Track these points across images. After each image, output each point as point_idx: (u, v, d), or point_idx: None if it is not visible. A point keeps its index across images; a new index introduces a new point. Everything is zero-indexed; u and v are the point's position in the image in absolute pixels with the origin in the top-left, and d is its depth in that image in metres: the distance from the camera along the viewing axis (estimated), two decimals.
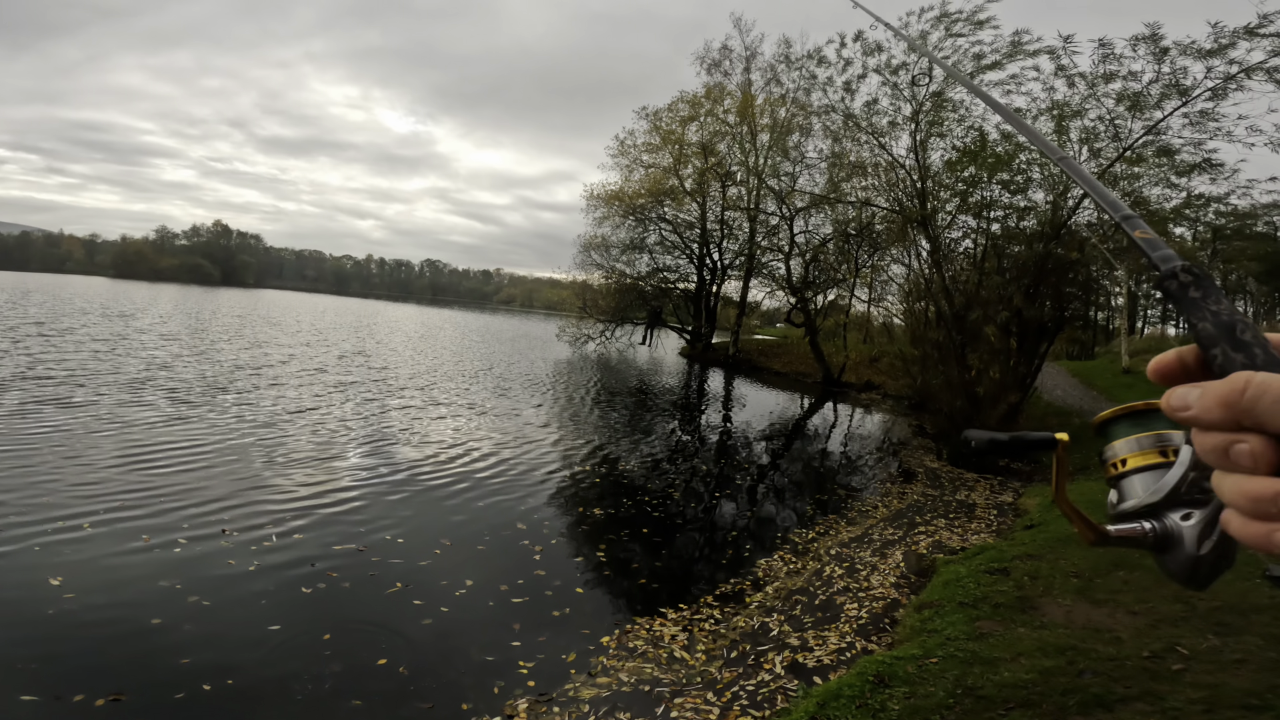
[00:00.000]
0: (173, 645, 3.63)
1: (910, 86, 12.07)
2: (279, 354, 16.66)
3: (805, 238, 26.28)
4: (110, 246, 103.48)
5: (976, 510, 7.88)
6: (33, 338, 14.98)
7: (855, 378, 23.17)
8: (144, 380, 11.03)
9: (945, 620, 3.49)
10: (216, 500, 5.89)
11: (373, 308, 61.45)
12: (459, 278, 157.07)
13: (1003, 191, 11.33)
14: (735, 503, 8.05)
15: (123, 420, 8.29)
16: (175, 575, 4.39)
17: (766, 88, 25.79)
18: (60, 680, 3.23)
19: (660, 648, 4.09)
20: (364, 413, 10.40)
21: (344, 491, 6.55)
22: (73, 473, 6.19)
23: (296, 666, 3.55)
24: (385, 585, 4.62)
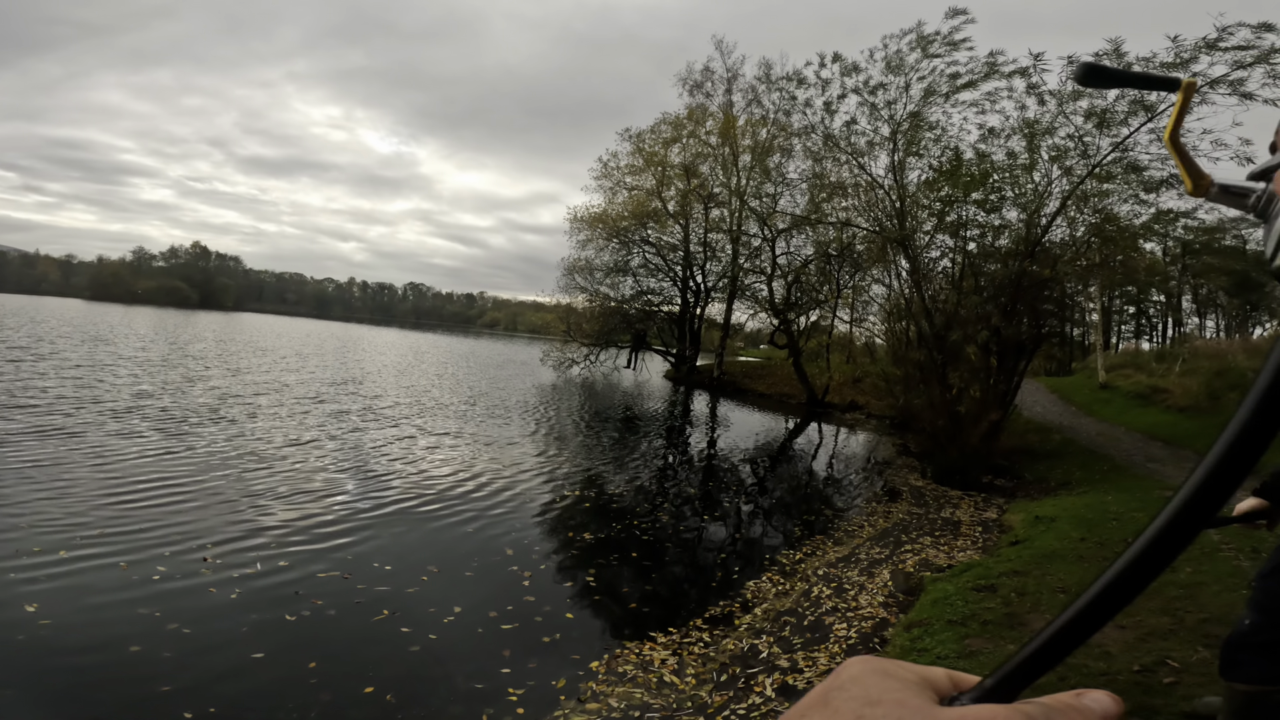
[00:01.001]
0: (152, 673, 3.53)
1: (888, 106, 12.39)
2: (262, 381, 16.43)
3: (787, 259, 26.62)
4: (87, 268, 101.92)
5: (962, 527, 7.93)
6: (11, 362, 14.63)
7: (839, 398, 23.36)
8: (125, 408, 10.80)
9: (934, 639, 3.50)
10: (198, 528, 5.77)
11: (355, 332, 60.98)
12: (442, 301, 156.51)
13: (978, 210, 11.59)
14: (723, 525, 8.03)
15: (103, 448, 8.11)
16: (154, 603, 4.29)
17: (748, 109, 26.31)
18: (35, 709, 3.15)
19: (650, 672, 4.05)
20: (350, 440, 10.27)
21: (329, 519, 6.45)
22: (50, 500, 6.03)
23: (281, 696, 3.47)
24: (372, 613, 4.55)
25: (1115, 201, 10.69)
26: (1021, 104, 10.83)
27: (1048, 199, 10.80)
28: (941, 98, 11.71)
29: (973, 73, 11.27)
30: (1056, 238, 11.17)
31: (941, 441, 11.18)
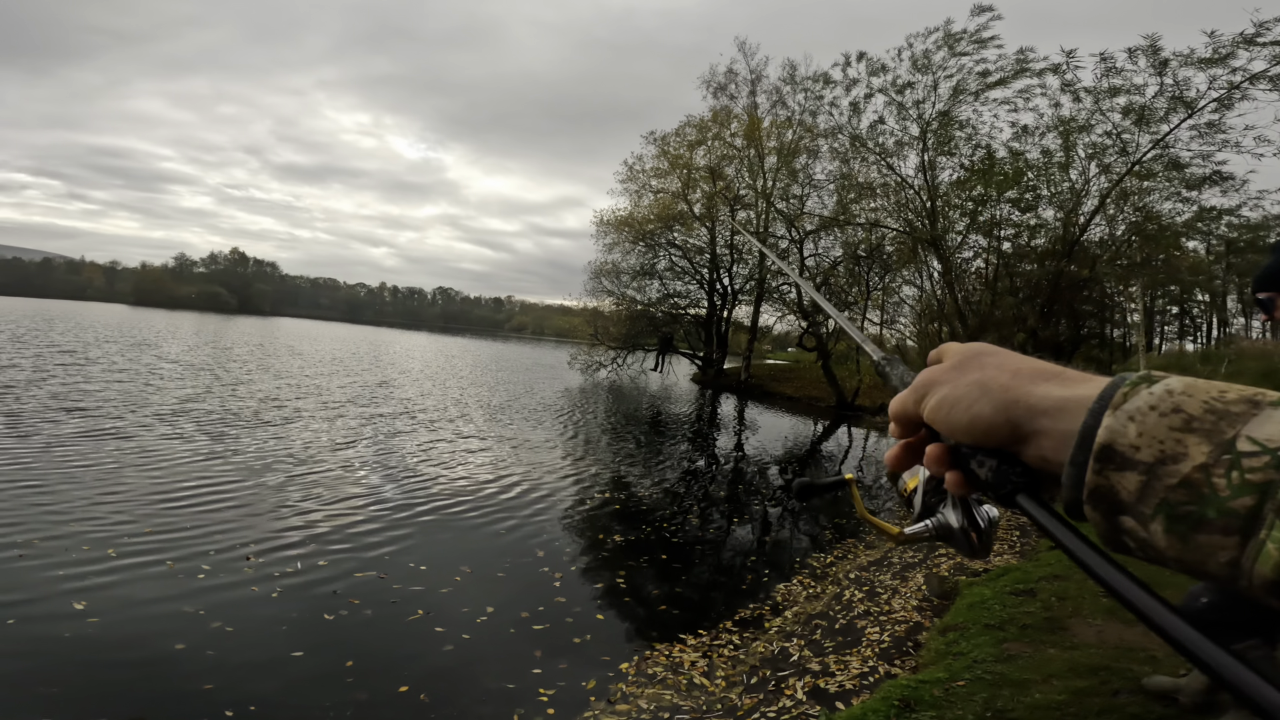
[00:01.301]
0: (195, 671, 3.62)
1: (916, 106, 12.22)
2: (302, 386, 16.82)
3: (815, 260, 26.34)
4: (130, 274, 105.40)
5: (999, 531, 7.74)
6: (61, 366, 15.26)
7: (869, 401, 22.99)
8: (171, 412, 11.18)
9: (971, 643, 3.42)
10: (241, 529, 5.93)
11: (386, 336, 62.05)
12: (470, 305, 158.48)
13: (1012, 209, 11.35)
14: (752, 528, 7.98)
15: (151, 451, 8.40)
16: (198, 602, 4.40)
17: (773, 110, 26.13)
18: (81, 705, 3.22)
19: (680, 674, 4.04)
20: (387, 443, 10.45)
21: (366, 520, 6.58)
22: (99, 501, 6.26)
23: (319, 694, 3.53)
24: (407, 612, 4.62)
25: (1156, 199, 10.38)
26: (1056, 101, 10.59)
27: (1085, 197, 10.53)
28: (971, 96, 11.53)
29: (1002, 70, 11.07)
30: (1095, 237, 10.88)
31: None
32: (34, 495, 6.22)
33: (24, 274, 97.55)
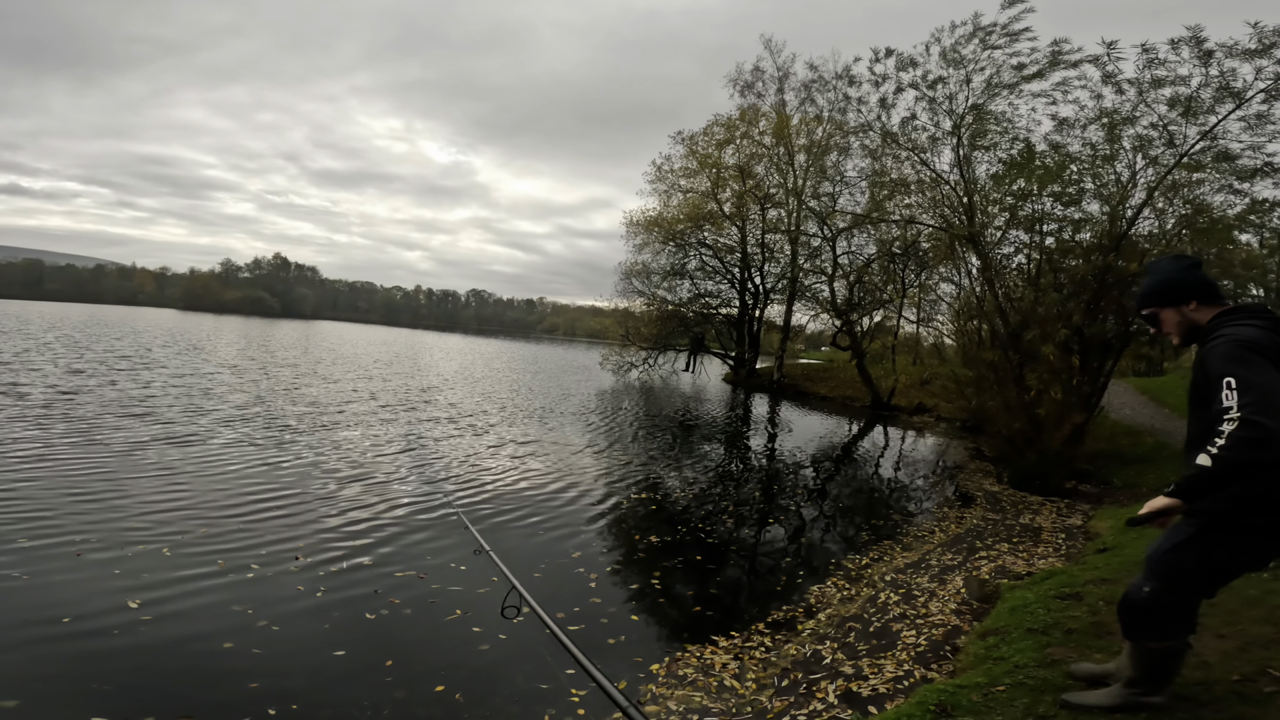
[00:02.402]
0: (241, 669, 3.73)
1: (948, 100, 11.93)
2: (347, 389, 17.23)
3: (849, 258, 25.95)
4: (179, 279, 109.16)
5: (1043, 534, 7.51)
6: (121, 372, 15.95)
7: (905, 400, 22.57)
8: (226, 416, 11.61)
9: (1013, 647, 3.32)
10: (290, 529, 6.12)
11: (423, 339, 63.13)
12: (503, 307, 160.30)
13: (1055, 204, 10.97)
14: (786, 529, 7.90)
15: (206, 451, 8.73)
16: (247, 600, 4.55)
17: (801, 108, 25.83)
18: (131, 703, 3.31)
19: (710, 676, 4.03)
20: (428, 445, 10.65)
21: (407, 519, 6.73)
22: (155, 500, 6.53)
23: (358, 692, 3.61)
24: (445, 612, 4.71)
25: (1207, 191, 9.93)
26: (1098, 93, 10.24)
27: (1132, 190, 10.14)
28: (1006, 89, 11.22)
29: (1037, 63, 10.74)
30: (1144, 230, 10.46)
31: (1019, 445, 10.64)
32: (92, 494, 6.51)
33: (78, 280, 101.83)
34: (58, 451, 7.92)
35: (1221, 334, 2.07)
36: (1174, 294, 2.26)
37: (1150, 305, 2.33)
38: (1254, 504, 2.02)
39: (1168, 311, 2.28)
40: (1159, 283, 2.30)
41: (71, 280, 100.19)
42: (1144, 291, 2.36)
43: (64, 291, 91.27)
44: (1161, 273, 2.33)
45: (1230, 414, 1.88)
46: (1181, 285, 2.25)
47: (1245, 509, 2.04)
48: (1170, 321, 2.28)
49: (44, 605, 4.20)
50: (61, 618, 4.05)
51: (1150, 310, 2.33)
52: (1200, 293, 2.23)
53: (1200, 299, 2.22)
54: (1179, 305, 2.25)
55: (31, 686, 3.34)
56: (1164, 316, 2.29)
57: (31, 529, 5.39)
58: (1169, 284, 2.27)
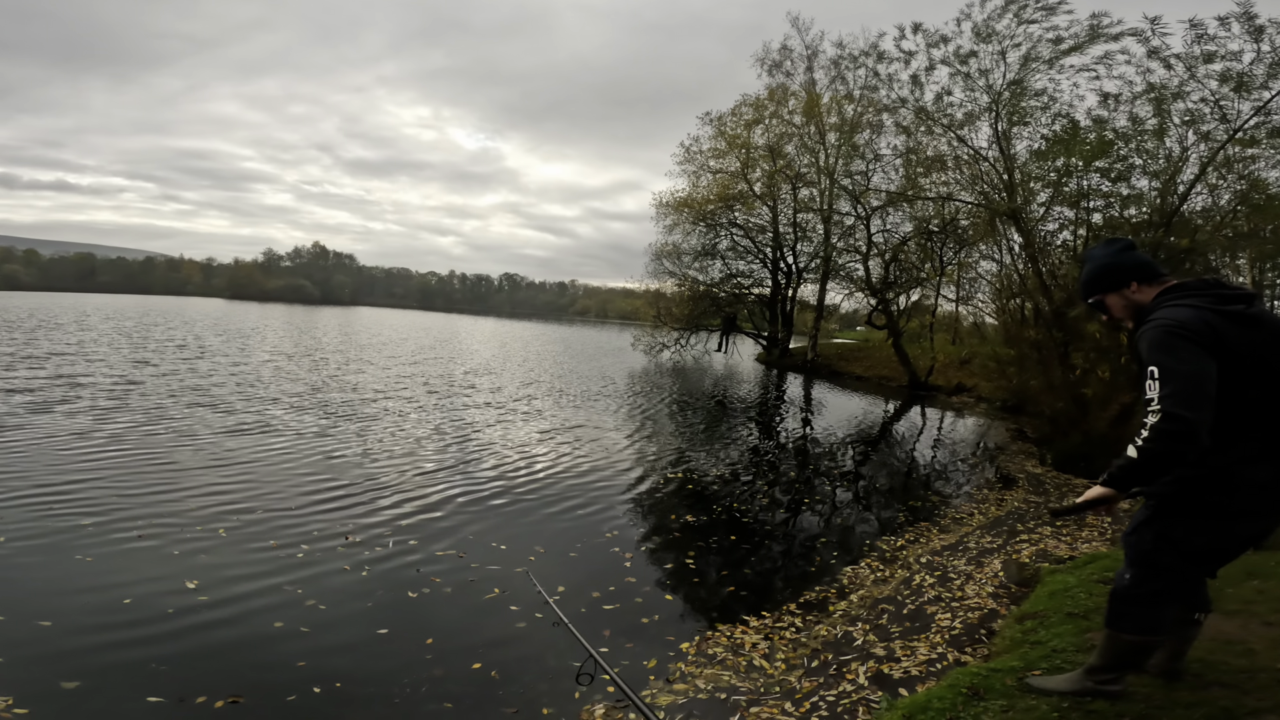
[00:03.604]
0: (289, 649, 3.86)
1: (983, 75, 11.54)
2: (391, 374, 17.62)
3: (884, 237, 25.39)
4: (225, 269, 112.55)
5: (1087, 517, 7.32)
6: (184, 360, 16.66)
7: (944, 380, 22.10)
8: (278, 399, 12.07)
9: (1051, 631, 3.27)
10: (340, 509, 6.34)
11: (459, 323, 64.06)
12: (535, 290, 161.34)
13: (1102, 180, 10.55)
14: (820, 509, 7.87)
15: (263, 434, 9.09)
16: (297, 581, 4.72)
17: (831, 86, 25.14)
18: (186, 682, 3.44)
19: (740, 655, 4.07)
20: (469, 428, 10.87)
21: (449, 500, 6.91)
22: (213, 482, 6.82)
23: (398, 670, 3.73)
24: (484, 591, 4.82)
25: (1263, 167, 9.48)
26: (1145, 68, 9.82)
27: (1183, 166, 9.72)
28: (1045, 64, 10.81)
29: (1076, 37, 10.32)
30: (1197, 206, 10.03)
31: (1063, 426, 10.36)
32: (153, 478, 6.82)
33: (129, 272, 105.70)
34: (121, 438, 8.32)
35: (1153, 318, 2.04)
36: (1112, 278, 2.23)
37: (1092, 293, 2.31)
38: (1198, 484, 2.04)
39: (1111, 297, 2.25)
40: (1095, 269, 2.28)
41: (122, 272, 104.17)
42: (1083, 281, 2.34)
43: (115, 283, 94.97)
44: (1096, 260, 2.30)
45: (1152, 405, 1.89)
46: (1118, 269, 2.22)
47: (1190, 489, 2.06)
48: (1117, 306, 2.25)
49: (106, 586, 4.39)
50: (123, 599, 4.24)
51: (1095, 298, 2.31)
52: (1138, 273, 2.19)
53: (1140, 279, 2.19)
54: (1120, 289, 2.22)
55: (93, 667, 3.49)
56: (1109, 303, 2.26)
57: (96, 512, 5.67)
58: (1105, 269, 2.25)
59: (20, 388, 11.19)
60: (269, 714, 3.23)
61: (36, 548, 4.92)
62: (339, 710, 3.32)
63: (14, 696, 3.14)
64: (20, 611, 3.96)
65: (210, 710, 3.21)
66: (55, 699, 3.20)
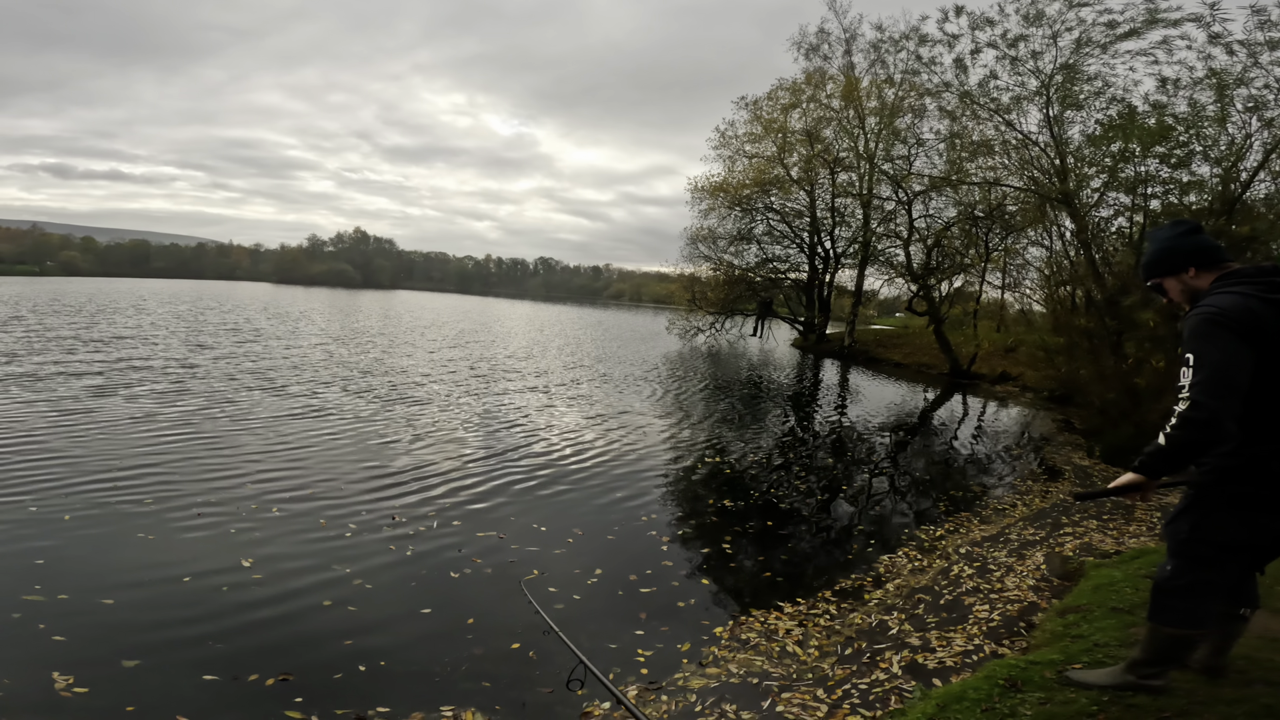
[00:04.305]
0: (337, 627, 3.96)
1: (1032, 59, 11.13)
2: (438, 358, 17.98)
3: (926, 222, 24.72)
4: (271, 255, 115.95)
5: (1136, 512, 7.10)
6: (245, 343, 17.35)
7: (987, 368, 21.51)
8: (329, 382, 12.49)
9: (1093, 625, 3.21)
10: (388, 490, 6.55)
11: (497, 307, 64.74)
12: (570, 274, 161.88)
13: (1161, 166, 10.11)
14: (858, 497, 7.83)
15: (315, 418, 9.39)
16: (345, 560, 4.86)
17: (871, 70, 24.43)
18: (239, 660, 3.54)
19: (773, 641, 4.10)
20: (512, 413, 11.06)
21: (492, 482, 7.08)
22: (267, 463, 7.09)
23: (439, 649, 3.81)
24: (523, 571, 4.92)
25: None
26: (1206, 54, 9.39)
27: (1246, 153, 9.28)
28: (1099, 48, 10.38)
29: (1132, 21, 9.89)
30: (1260, 194, 9.58)
31: (1113, 417, 10.02)
32: (211, 459, 7.12)
33: (182, 258, 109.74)
34: (181, 421, 8.70)
35: (1201, 305, 1.99)
36: (1171, 262, 2.17)
37: (1151, 276, 2.25)
38: (1235, 474, 1.99)
39: (1169, 281, 2.19)
40: (1156, 252, 2.23)
41: (176, 258, 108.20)
42: (1143, 263, 2.29)
43: (169, 269, 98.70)
44: (1158, 241, 2.24)
45: (1182, 393, 1.88)
46: (1177, 253, 2.16)
47: (1227, 479, 2.01)
48: (1174, 290, 2.20)
49: (167, 564, 4.57)
50: (182, 576, 4.40)
51: (1153, 281, 2.25)
52: (1197, 258, 2.12)
53: (1198, 265, 2.12)
54: (1177, 274, 2.16)
55: (153, 644, 3.60)
56: (1167, 286, 2.21)
57: (157, 493, 5.94)
58: (1165, 253, 2.19)
59: (84, 371, 11.80)
60: (316, 692, 3.32)
61: (101, 527, 5.13)
62: (381, 688, 3.42)
63: (75, 675, 3.24)
64: (84, 590, 4.11)
65: (261, 688, 3.31)
66: (115, 677, 3.29)
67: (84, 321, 20.59)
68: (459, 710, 3.25)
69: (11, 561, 4.42)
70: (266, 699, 3.24)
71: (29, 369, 11.38)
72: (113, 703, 3.09)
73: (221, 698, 3.24)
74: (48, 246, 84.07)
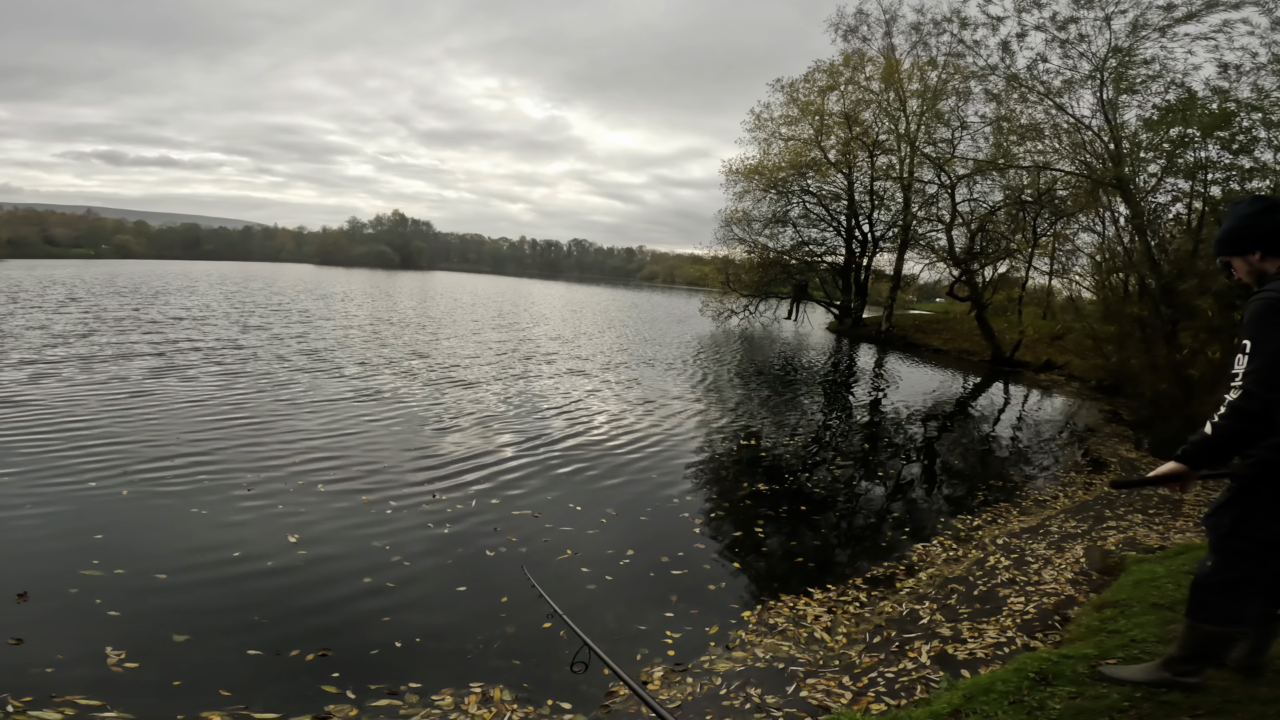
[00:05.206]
0: (377, 604, 4.09)
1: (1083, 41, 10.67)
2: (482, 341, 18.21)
3: (970, 206, 23.95)
4: (314, 237, 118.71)
5: (1184, 507, 6.87)
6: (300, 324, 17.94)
7: (1032, 356, 20.87)
8: (376, 363, 12.83)
9: (1132, 621, 3.15)
10: (429, 468, 6.73)
11: (533, 288, 65.18)
12: (604, 256, 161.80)
13: (1222, 151, 9.62)
14: (892, 484, 7.76)
15: (362, 396, 9.71)
16: (385, 537, 5.01)
17: (912, 51, 23.56)
18: (279, 635, 3.64)
19: (801, 627, 4.12)
20: (551, 395, 11.22)
21: (529, 462, 7.22)
22: (314, 441, 7.34)
23: (472, 626, 3.90)
24: (557, 551, 5.03)
25: None
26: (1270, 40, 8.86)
27: None
28: (1156, 31, 9.88)
29: (1189, 4, 9.37)
30: None
31: (1164, 409, 9.67)
32: (263, 436, 7.41)
33: (229, 241, 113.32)
34: (234, 400, 9.04)
35: (1265, 289, 1.91)
36: (1238, 242, 2.06)
37: (1220, 253, 2.14)
38: (1278, 468, 1.93)
39: (1237, 260, 2.09)
40: (1226, 229, 2.12)
41: (224, 241, 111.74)
42: (1216, 237, 2.18)
43: (218, 251, 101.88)
44: (1232, 218, 2.12)
45: (1236, 381, 1.83)
46: (1245, 234, 2.05)
47: (1273, 473, 1.94)
48: (1241, 270, 2.10)
49: (218, 542, 4.73)
50: (233, 552, 4.58)
51: (1222, 259, 2.15)
52: (1265, 242, 2.01)
53: (1265, 249, 2.01)
54: (1245, 255, 2.05)
55: (202, 620, 3.71)
56: (1235, 265, 2.11)
57: (212, 468, 6.21)
58: (1233, 231, 2.08)
59: (143, 352, 12.35)
60: (353, 668, 3.43)
61: (157, 502, 5.38)
62: (415, 664, 3.51)
63: (127, 650, 3.34)
64: (140, 566, 4.26)
65: (301, 663, 3.42)
66: (165, 653, 3.39)
67: (140, 302, 21.44)
68: (488, 687, 3.34)
69: (74, 538, 4.62)
70: (305, 674, 3.34)
71: (88, 350, 11.93)
72: (161, 678, 3.20)
73: (263, 673, 3.33)
74: (102, 230, 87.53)
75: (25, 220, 73.14)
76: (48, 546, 4.47)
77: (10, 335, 12.82)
